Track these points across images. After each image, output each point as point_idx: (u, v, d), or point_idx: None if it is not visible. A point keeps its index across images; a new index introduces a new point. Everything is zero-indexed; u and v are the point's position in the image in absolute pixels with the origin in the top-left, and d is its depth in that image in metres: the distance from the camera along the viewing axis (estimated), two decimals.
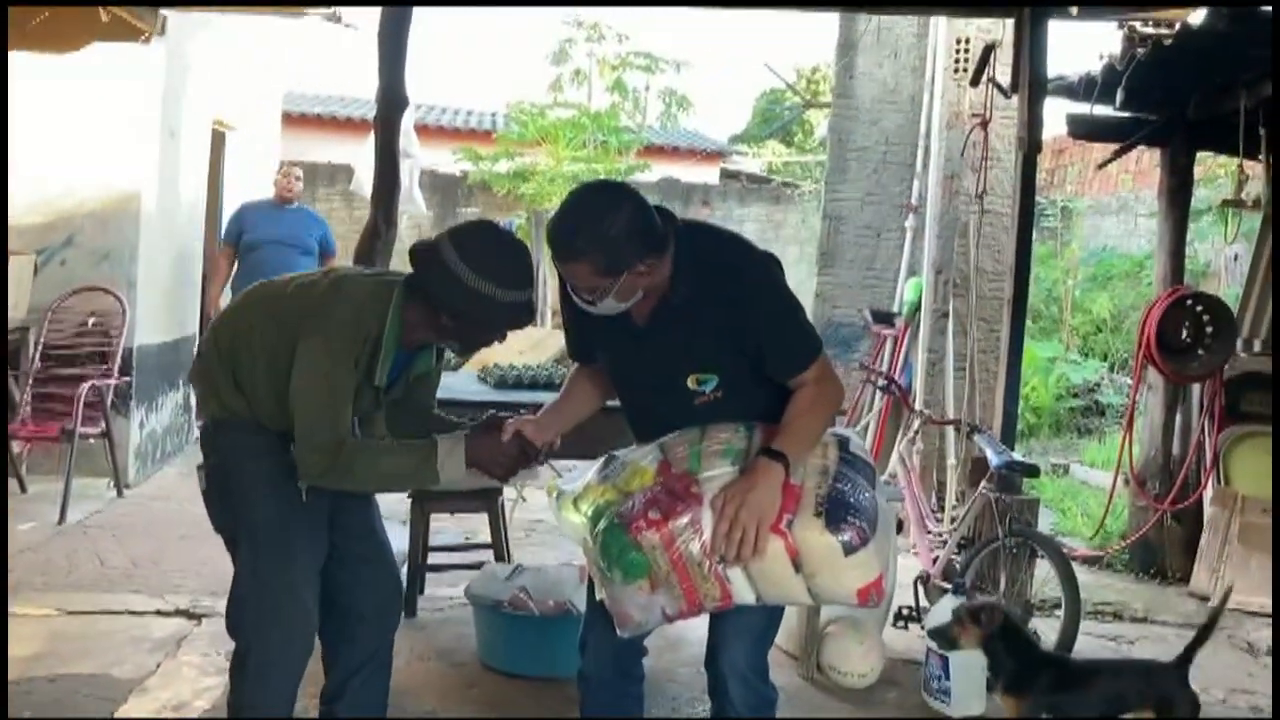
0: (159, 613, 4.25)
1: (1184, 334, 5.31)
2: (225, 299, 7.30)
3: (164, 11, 6.40)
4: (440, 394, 3.59)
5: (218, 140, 8.28)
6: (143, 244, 6.48)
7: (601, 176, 11.52)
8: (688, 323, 2.43)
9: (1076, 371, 9.67)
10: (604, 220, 2.29)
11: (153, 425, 6.84)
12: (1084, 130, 5.81)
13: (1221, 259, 8.75)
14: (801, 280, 8.03)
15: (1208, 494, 5.52)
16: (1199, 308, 5.33)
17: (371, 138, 4.64)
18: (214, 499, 2.68)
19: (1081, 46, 6.20)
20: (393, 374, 2.63)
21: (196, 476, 2.74)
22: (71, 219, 6.38)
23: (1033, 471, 4.22)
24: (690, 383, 2.46)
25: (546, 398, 3.68)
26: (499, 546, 4.43)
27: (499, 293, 2.48)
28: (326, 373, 2.48)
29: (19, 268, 5.89)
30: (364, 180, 5.96)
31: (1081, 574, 5.42)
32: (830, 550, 2.20)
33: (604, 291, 2.35)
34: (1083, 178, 12.16)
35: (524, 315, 2.58)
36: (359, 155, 8.13)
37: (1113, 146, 5.90)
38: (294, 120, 13.24)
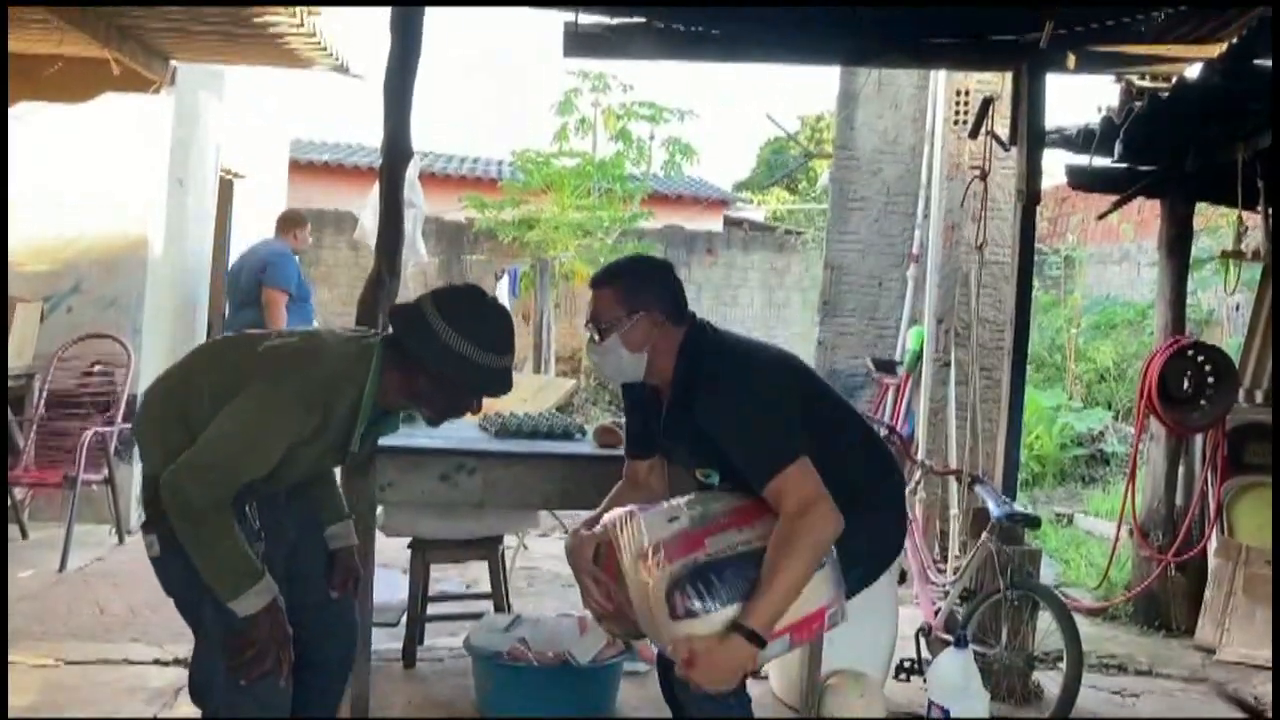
0: (157, 662, 4.23)
1: (1185, 384, 5.31)
2: None
3: (174, 63, 6.51)
4: (442, 443, 3.63)
5: (225, 188, 8.36)
6: (149, 291, 6.53)
7: (605, 223, 11.61)
8: (688, 422, 2.59)
9: (1080, 420, 9.65)
10: (641, 265, 2.82)
11: None
12: (1083, 181, 5.85)
13: (1224, 308, 8.79)
14: (805, 329, 8.07)
15: (1212, 546, 5.49)
16: (1200, 358, 5.33)
17: (376, 187, 4.69)
18: (169, 563, 2.52)
19: (1080, 98, 6.26)
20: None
21: (145, 543, 2.57)
22: (78, 266, 6.44)
23: (1034, 523, 4.21)
24: (699, 475, 2.69)
25: (547, 447, 3.73)
26: (499, 596, 4.41)
27: (478, 355, 2.50)
28: (267, 422, 2.41)
29: (26, 314, 5.93)
30: (369, 229, 6.01)
31: (1086, 626, 5.40)
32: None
33: (616, 325, 2.62)
34: (1085, 226, 12.23)
35: (499, 381, 2.58)
36: (366, 203, 8.20)
37: (1113, 197, 5.93)
38: (301, 168, 13.38)
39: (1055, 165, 7.60)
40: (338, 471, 3.07)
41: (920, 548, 4.78)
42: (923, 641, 4.34)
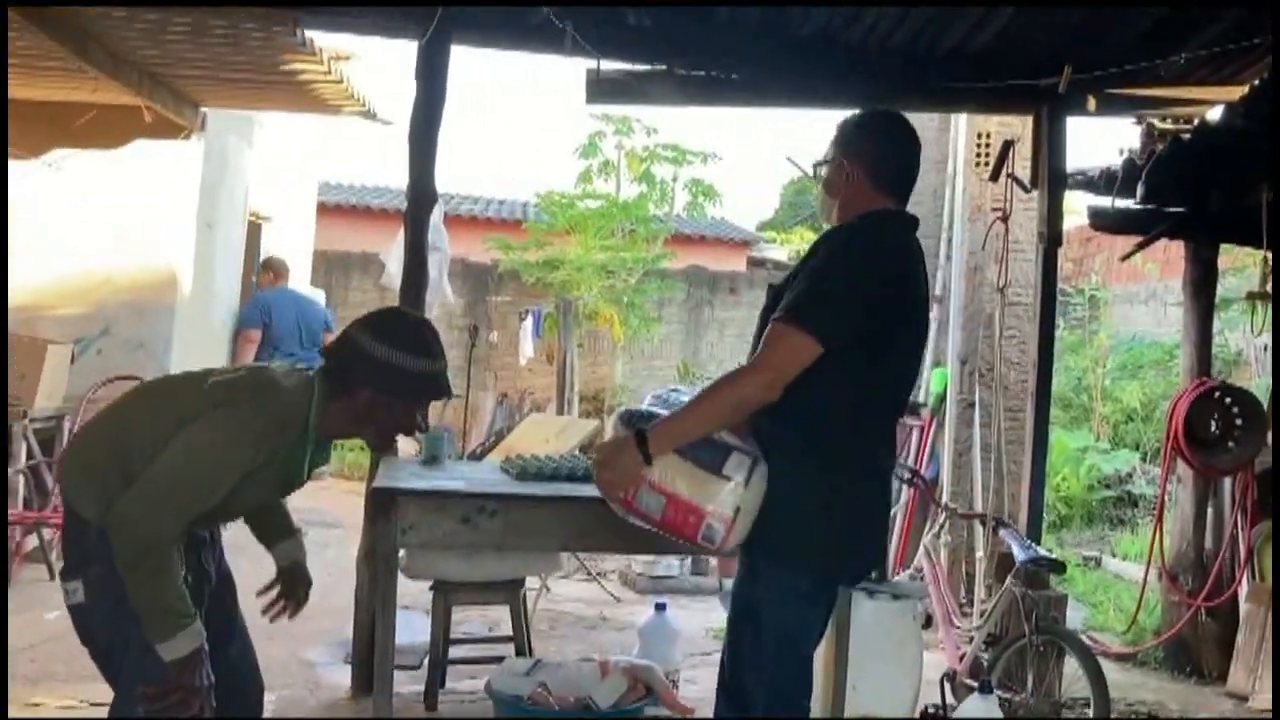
0: None
1: (1213, 426, 5.27)
2: None
3: (204, 109, 6.64)
4: (463, 485, 3.64)
5: (254, 231, 8.48)
6: (177, 334, 6.61)
7: (628, 264, 11.65)
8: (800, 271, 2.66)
9: (1108, 461, 9.55)
10: (869, 119, 2.78)
11: None
12: (1105, 223, 5.84)
13: (1251, 349, 8.71)
14: None
15: (1243, 590, 5.41)
16: (1228, 399, 5.29)
17: (402, 231, 4.76)
18: (94, 610, 2.44)
19: (1102, 139, 6.27)
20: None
21: (63, 588, 2.48)
22: (108, 309, 6.54)
23: (1059, 568, 4.18)
24: None
25: (567, 490, 3.72)
26: (520, 639, 4.40)
27: (407, 361, 2.52)
28: (218, 453, 2.40)
29: (56, 356, 6.01)
30: (394, 273, 6.09)
31: (1114, 672, 5.32)
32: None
33: (825, 163, 2.74)
34: (1110, 266, 12.17)
35: (435, 385, 2.60)
36: (391, 247, 8.30)
37: (1136, 238, 5.92)
38: (329, 210, 13.53)
39: (1079, 205, 7.59)
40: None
41: (945, 592, 4.75)
42: (947, 687, 4.30)
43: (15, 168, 6.41)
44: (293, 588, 2.88)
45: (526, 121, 39.13)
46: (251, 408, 2.45)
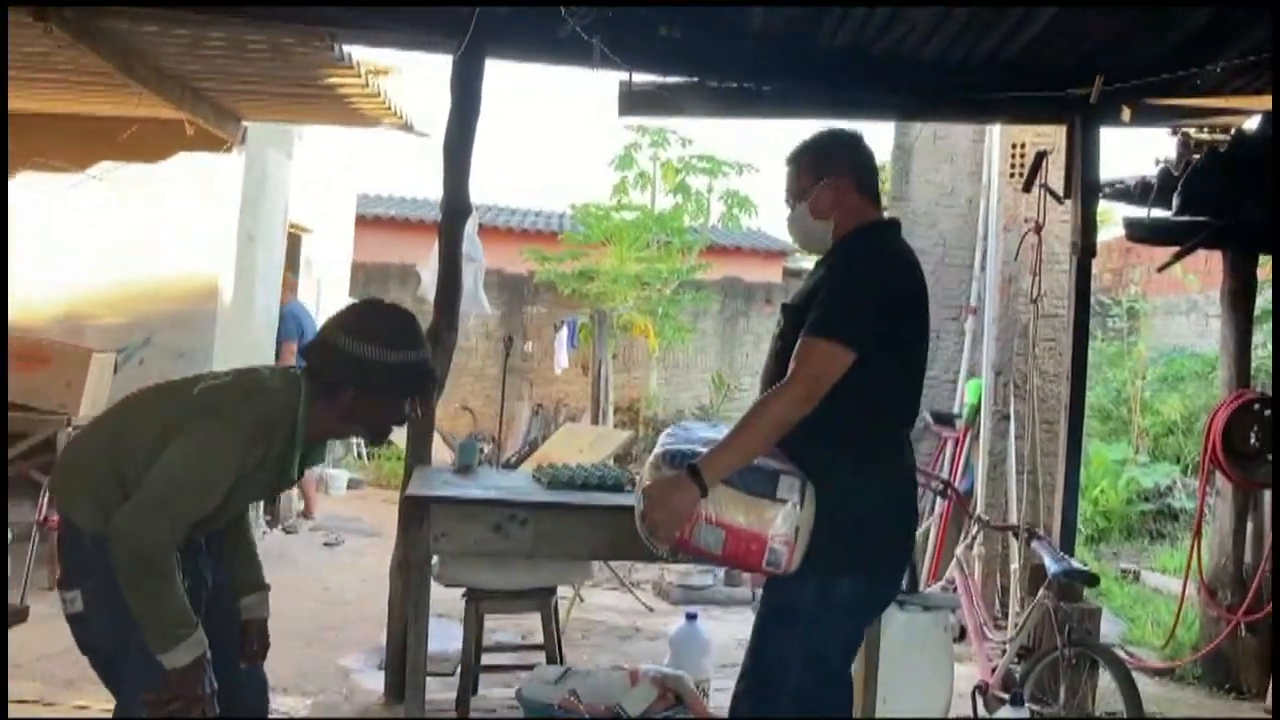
0: None
1: (1252, 439, 5.21)
2: None
3: (245, 123, 6.75)
4: (495, 494, 3.68)
5: (294, 243, 8.60)
6: (218, 344, 6.71)
7: (663, 275, 11.69)
8: (817, 284, 2.69)
9: (1147, 475, 9.44)
10: (826, 137, 2.83)
11: None
12: (1141, 233, 5.79)
13: None
14: None
15: None
16: (1267, 412, 5.23)
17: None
18: (92, 619, 2.45)
19: (1139, 149, 6.22)
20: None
21: (61, 598, 2.49)
22: (151, 319, 6.65)
23: (1092, 580, 4.14)
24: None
25: (597, 499, 3.75)
26: (551, 647, 4.43)
27: (388, 355, 2.51)
28: (214, 456, 2.40)
29: (100, 366, 6.13)
30: (429, 285, 6.16)
31: (1152, 686, 5.28)
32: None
33: (804, 194, 2.76)
34: (1149, 277, 12.05)
35: (418, 376, 2.58)
36: (429, 257, 8.40)
37: (1173, 248, 5.87)
38: (368, 223, 13.68)
39: (1119, 216, 7.54)
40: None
41: (976, 604, 4.73)
42: (979, 699, 4.28)
43: (63, 180, 6.57)
44: (249, 642, 2.79)
45: (563, 133, 39.31)
46: (241, 412, 2.46)
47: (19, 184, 6.58)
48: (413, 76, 7.90)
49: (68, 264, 6.62)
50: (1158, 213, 5.49)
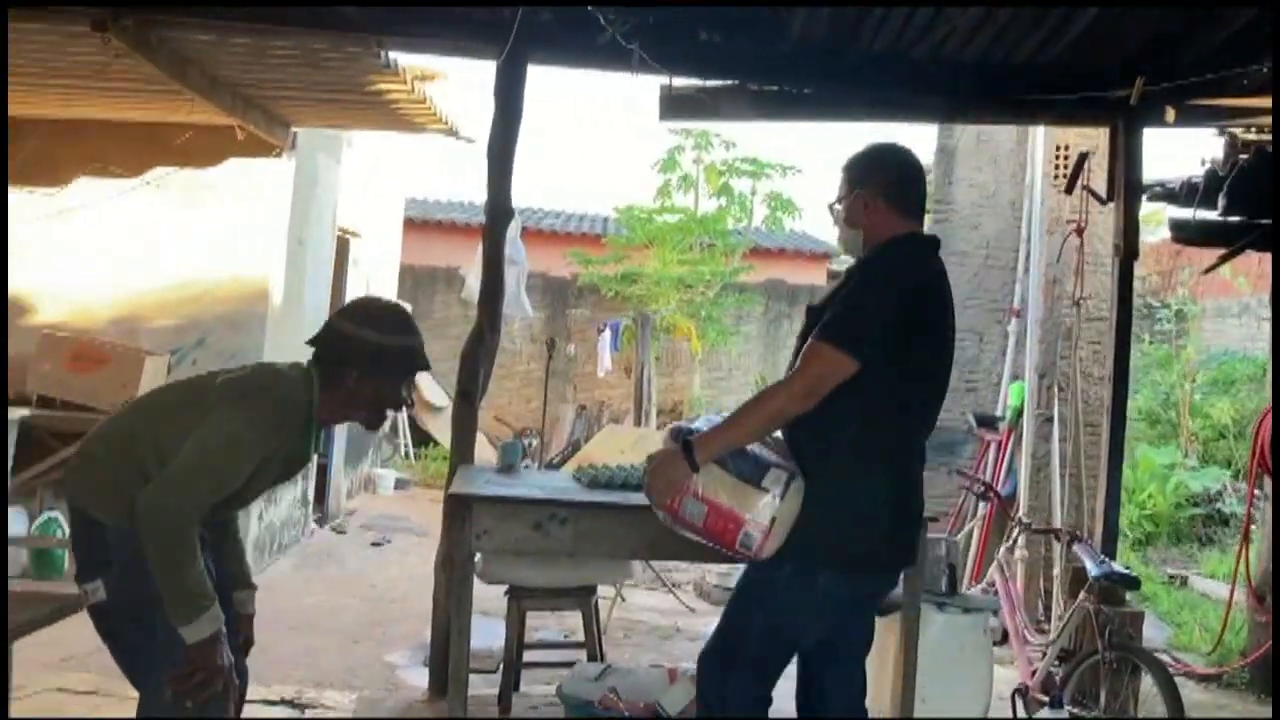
0: (265, 701, 4.40)
1: None
2: None
3: (294, 128, 6.88)
4: (537, 492, 3.73)
5: (343, 246, 8.73)
6: (268, 345, 6.84)
7: (706, 277, 11.70)
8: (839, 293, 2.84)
9: (1196, 479, 9.33)
10: (872, 150, 2.95)
11: (270, 518, 7.12)
12: (1187, 235, 5.73)
13: None
14: None
15: None
16: None
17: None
18: (117, 607, 2.57)
19: (1185, 150, 6.16)
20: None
21: (81, 590, 2.59)
22: (203, 321, 6.79)
23: (1133, 583, 4.13)
24: None
25: (637, 499, 3.76)
26: (592, 645, 4.48)
27: (385, 339, 2.74)
28: (240, 439, 2.56)
29: (155, 367, 6.28)
30: (474, 288, 6.25)
31: (1198, 692, 5.23)
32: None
33: (841, 200, 2.91)
34: (1200, 279, 11.88)
35: (413, 358, 2.80)
36: (473, 260, 8.50)
37: (1220, 250, 5.80)
38: (416, 226, 13.83)
39: (1168, 218, 7.46)
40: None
41: (1017, 607, 4.71)
42: (1019, 702, 4.27)
43: (119, 185, 6.73)
44: (236, 635, 2.86)
45: (608, 137, 39.43)
46: (265, 398, 2.65)
47: (77, 189, 6.76)
48: (461, 82, 8.01)
49: (123, 267, 6.78)
50: (1204, 214, 5.44)
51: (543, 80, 4.61)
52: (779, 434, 2.79)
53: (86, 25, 4.42)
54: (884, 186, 2.85)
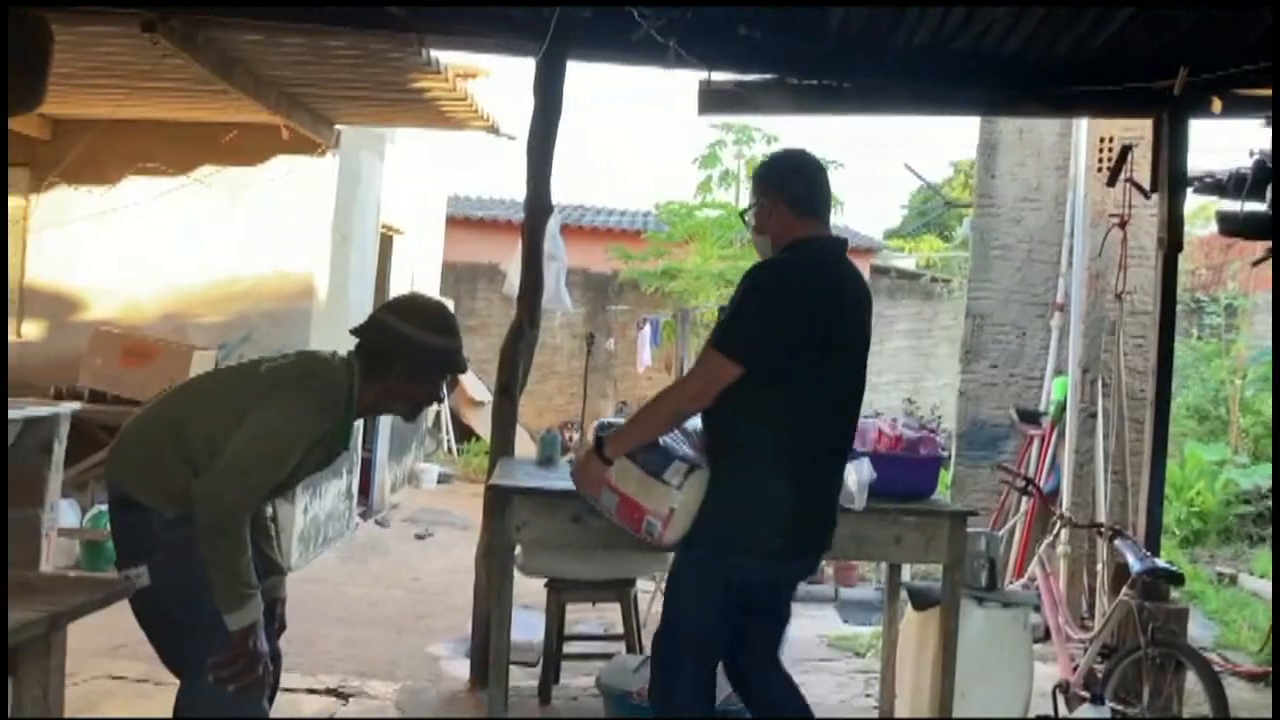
0: (310, 691, 4.48)
1: None
2: None
3: (338, 127, 6.97)
4: (558, 483, 3.77)
5: (386, 243, 8.83)
6: (313, 341, 6.92)
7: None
8: None
9: (1246, 476, 9.17)
10: (777, 157, 3.22)
11: (315, 511, 7.22)
12: (1234, 227, 5.63)
13: None
14: (953, 379, 7.96)
15: None
16: None
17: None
18: (162, 592, 2.60)
19: (1233, 140, 6.07)
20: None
21: (123, 576, 2.61)
22: (250, 317, 6.91)
23: (1176, 579, 4.08)
24: None
25: None
26: (631, 637, 4.52)
27: (426, 337, 2.80)
28: (290, 427, 2.63)
29: (202, 362, 6.39)
30: (514, 284, 6.30)
31: (1245, 691, 5.16)
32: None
33: (750, 207, 3.10)
34: (1250, 273, 11.68)
35: (453, 359, 2.89)
36: (514, 256, 8.56)
37: (1267, 243, 5.71)
38: (458, 223, 13.94)
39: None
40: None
41: (1059, 602, 4.68)
42: (1060, 698, 4.24)
43: (167, 183, 6.86)
44: (271, 619, 2.93)
45: (649, 132, 39.44)
46: (311, 385, 2.72)
47: (126, 188, 6.90)
48: (503, 78, 8.06)
49: (171, 264, 6.91)
50: (1252, 206, 5.35)
51: (583, 76, 4.64)
52: (699, 427, 2.99)
53: (135, 26, 4.51)
54: (784, 192, 2.99)
